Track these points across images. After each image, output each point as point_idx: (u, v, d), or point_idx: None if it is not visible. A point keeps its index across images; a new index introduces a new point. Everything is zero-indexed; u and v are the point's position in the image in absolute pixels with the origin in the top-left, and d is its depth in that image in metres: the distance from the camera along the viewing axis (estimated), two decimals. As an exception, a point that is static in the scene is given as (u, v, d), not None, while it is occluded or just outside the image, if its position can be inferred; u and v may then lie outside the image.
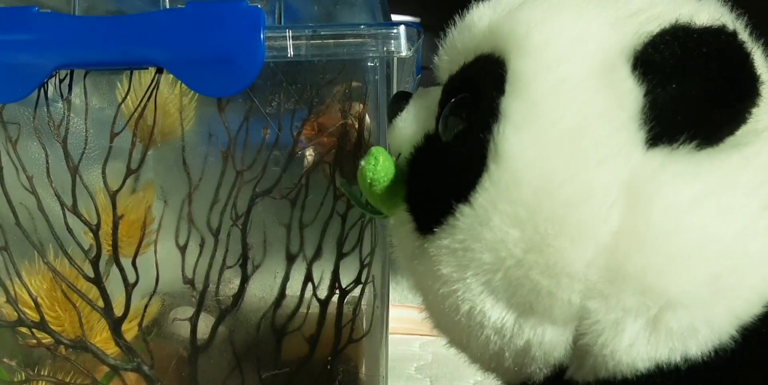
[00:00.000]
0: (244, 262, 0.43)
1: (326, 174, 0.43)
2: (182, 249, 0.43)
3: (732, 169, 0.25)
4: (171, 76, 0.39)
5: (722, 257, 0.24)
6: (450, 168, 0.28)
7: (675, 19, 0.25)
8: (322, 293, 0.44)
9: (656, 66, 0.24)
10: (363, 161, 0.30)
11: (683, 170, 0.24)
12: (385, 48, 0.38)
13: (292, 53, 0.38)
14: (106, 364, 0.43)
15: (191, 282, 0.43)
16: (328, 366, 0.44)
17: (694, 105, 0.24)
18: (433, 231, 0.27)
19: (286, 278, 0.44)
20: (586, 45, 0.25)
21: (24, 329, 0.42)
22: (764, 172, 0.25)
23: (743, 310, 0.24)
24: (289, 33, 0.38)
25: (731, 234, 0.24)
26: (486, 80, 0.27)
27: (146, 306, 0.43)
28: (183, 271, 0.43)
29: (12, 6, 0.38)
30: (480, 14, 0.29)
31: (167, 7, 0.40)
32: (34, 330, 0.42)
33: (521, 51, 0.26)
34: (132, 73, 0.40)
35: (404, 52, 0.38)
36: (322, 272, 0.44)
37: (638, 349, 0.24)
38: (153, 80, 0.40)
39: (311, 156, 0.43)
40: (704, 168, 0.24)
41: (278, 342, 0.44)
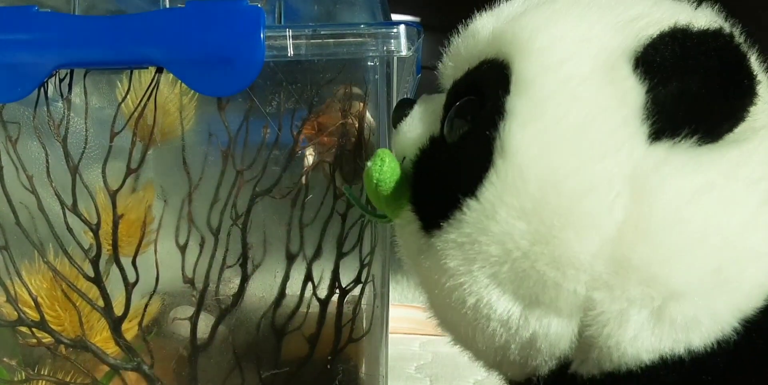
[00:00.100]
0: (244, 261, 0.43)
1: (326, 174, 0.43)
2: (182, 248, 0.43)
3: (732, 164, 0.25)
4: (171, 75, 0.39)
5: (724, 249, 0.24)
6: (456, 165, 0.28)
7: (674, 23, 0.26)
8: (322, 293, 0.44)
9: (657, 65, 0.25)
10: (369, 162, 0.31)
11: (685, 164, 0.25)
12: (385, 47, 0.38)
13: (292, 53, 0.38)
14: (106, 363, 0.43)
15: (191, 281, 0.43)
16: (328, 366, 0.44)
17: (695, 101, 0.25)
18: (440, 226, 0.28)
19: (286, 278, 0.44)
20: (588, 47, 0.26)
21: (24, 329, 0.42)
22: (763, 167, 0.26)
23: (745, 302, 0.25)
24: (289, 32, 0.38)
25: (732, 227, 0.24)
26: (491, 82, 0.28)
27: (146, 306, 0.43)
28: (183, 270, 0.43)
29: (12, 5, 0.38)
30: (483, 22, 0.30)
31: (167, 6, 0.40)
32: (35, 329, 0.42)
33: (525, 54, 0.26)
34: (132, 72, 0.40)
35: (404, 51, 0.38)
36: (322, 272, 0.44)
37: (642, 340, 0.25)
38: (153, 80, 0.40)
39: (311, 155, 0.43)
40: (705, 162, 0.25)
41: (278, 342, 0.44)
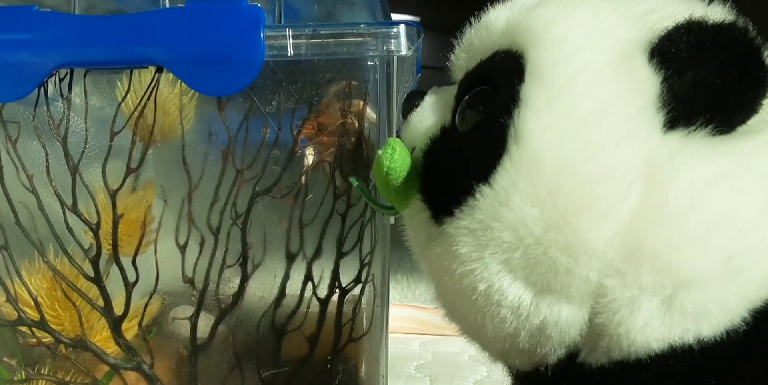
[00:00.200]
0: (244, 261, 0.43)
1: (326, 173, 0.43)
2: (182, 248, 0.43)
3: (745, 154, 0.25)
4: (171, 75, 0.39)
5: (735, 239, 0.25)
6: (468, 154, 0.28)
7: (689, 16, 0.26)
8: (322, 292, 0.44)
9: (672, 56, 0.25)
10: (380, 151, 0.31)
11: (699, 153, 0.25)
12: (385, 47, 0.38)
13: (292, 52, 0.38)
14: (106, 363, 0.43)
15: (191, 281, 0.43)
16: (328, 365, 0.44)
17: (710, 91, 0.25)
18: (452, 213, 0.28)
19: (286, 277, 0.44)
20: (603, 38, 0.26)
21: (24, 328, 0.42)
22: None
23: (754, 292, 0.25)
24: (289, 32, 0.38)
25: (744, 216, 0.25)
26: (505, 71, 0.28)
27: (146, 305, 0.43)
28: (183, 270, 0.43)
29: (12, 5, 0.38)
30: (497, 14, 0.30)
31: (167, 6, 0.40)
32: (34, 329, 0.42)
33: (540, 44, 0.27)
34: (132, 72, 0.40)
35: (404, 51, 0.38)
36: (322, 271, 0.44)
37: (652, 328, 0.25)
38: (153, 79, 0.40)
39: (311, 155, 0.43)
40: (719, 152, 0.25)
41: (278, 341, 0.44)
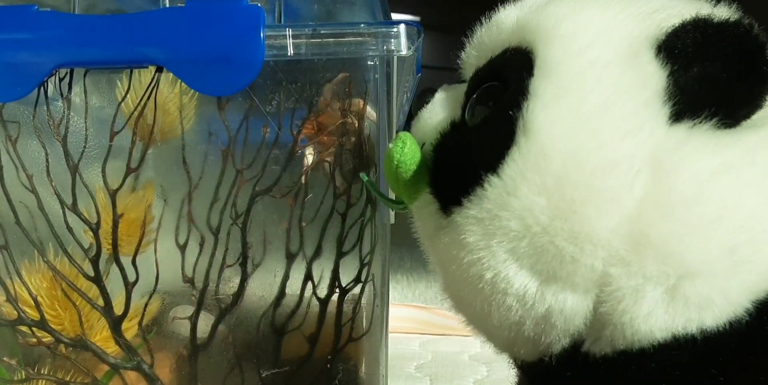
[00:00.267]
0: (244, 261, 0.43)
1: (326, 173, 0.43)
2: (182, 248, 0.43)
3: (750, 147, 0.26)
4: (171, 74, 0.39)
5: (740, 229, 0.25)
6: (477, 145, 0.29)
7: (695, 13, 0.27)
8: (322, 292, 0.44)
9: (679, 51, 0.26)
10: (390, 145, 0.31)
11: (704, 145, 0.26)
12: (385, 47, 0.38)
13: (292, 52, 0.38)
14: (106, 363, 0.43)
15: (191, 281, 0.43)
16: (328, 365, 0.44)
17: (715, 85, 0.26)
18: (461, 202, 0.28)
19: (286, 277, 0.44)
20: (611, 34, 0.27)
21: (24, 328, 0.42)
22: None
23: (757, 283, 0.25)
24: (289, 32, 0.38)
25: (749, 208, 0.25)
26: (514, 66, 0.28)
27: (146, 305, 0.43)
28: (183, 270, 0.43)
29: (12, 5, 0.38)
30: (507, 13, 0.31)
31: (167, 5, 0.40)
32: (34, 329, 0.42)
33: (550, 40, 0.27)
34: (132, 71, 0.40)
35: (404, 50, 0.38)
36: (322, 271, 0.44)
37: (656, 318, 0.25)
38: (153, 79, 0.40)
39: (311, 155, 0.43)
40: (724, 144, 0.26)
41: (278, 341, 0.44)
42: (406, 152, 0.31)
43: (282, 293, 0.44)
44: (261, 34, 0.36)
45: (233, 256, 0.43)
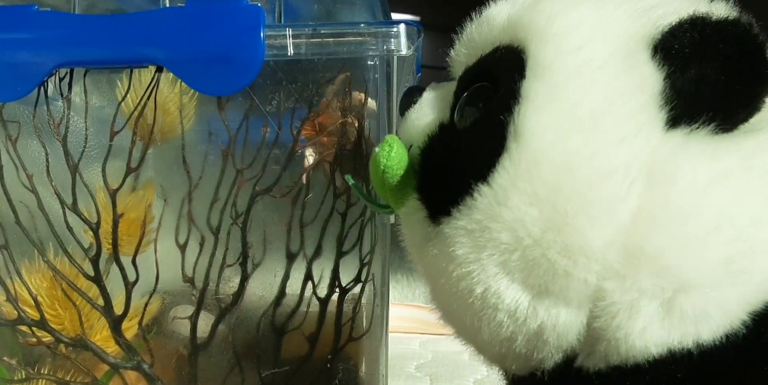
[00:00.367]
0: (244, 260, 0.43)
1: (326, 173, 0.43)
2: (182, 248, 0.43)
3: (748, 153, 0.25)
4: (171, 74, 0.39)
5: (737, 240, 0.24)
6: (467, 151, 0.28)
7: (692, 11, 0.26)
8: (322, 292, 0.44)
9: (676, 52, 0.25)
10: (377, 149, 0.30)
11: (702, 151, 0.25)
12: (385, 46, 0.38)
13: (292, 52, 0.38)
14: (106, 362, 0.43)
15: (191, 281, 0.43)
16: (328, 365, 0.44)
17: (713, 88, 0.25)
18: (449, 212, 0.27)
19: (286, 277, 0.44)
20: (606, 33, 0.26)
21: (24, 328, 0.42)
22: None
23: (754, 295, 0.25)
24: (289, 31, 0.38)
25: (746, 218, 0.24)
26: (505, 67, 0.27)
27: (146, 305, 0.43)
28: (183, 269, 0.43)
29: (12, 5, 0.38)
30: (498, 9, 0.29)
31: (167, 5, 0.40)
32: (34, 329, 0.42)
33: (542, 38, 0.26)
34: (132, 71, 0.40)
35: (404, 50, 0.38)
36: (322, 271, 0.44)
37: (652, 332, 0.25)
38: (153, 79, 0.40)
39: (311, 157, 0.43)
40: (721, 150, 0.25)
41: (278, 341, 0.44)
42: (393, 157, 0.30)
43: (282, 293, 0.44)
44: (261, 33, 0.36)
45: (233, 255, 0.43)
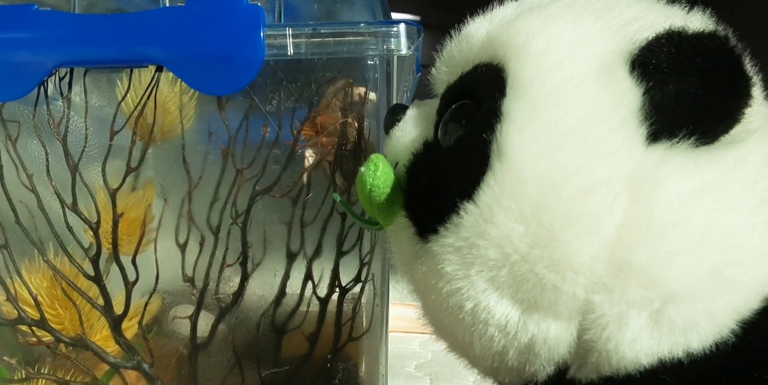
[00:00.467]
0: (244, 260, 0.43)
1: (326, 174, 0.43)
2: (182, 247, 0.43)
3: (729, 165, 0.25)
4: (171, 74, 0.39)
5: (723, 250, 0.24)
6: (452, 169, 0.28)
7: (669, 25, 0.26)
8: (322, 291, 0.44)
9: (653, 67, 0.25)
10: (362, 168, 0.31)
11: (683, 165, 0.25)
12: (385, 46, 0.38)
13: (292, 51, 0.38)
14: (107, 362, 0.43)
15: (191, 280, 0.43)
16: (328, 364, 0.44)
17: (691, 102, 0.25)
18: (437, 230, 0.28)
19: (286, 277, 0.44)
20: (584, 49, 0.26)
21: (24, 327, 0.42)
22: (759, 169, 0.26)
23: (743, 304, 0.25)
24: (289, 31, 0.38)
25: (731, 228, 0.24)
26: (486, 85, 0.27)
27: (146, 304, 0.43)
28: (183, 269, 0.43)
29: (12, 4, 0.38)
30: (477, 26, 0.30)
31: (167, 5, 0.40)
32: (35, 328, 0.42)
33: (521, 56, 0.26)
34: (132, 71, 0.40)
35: (404, 50, 0.38)
36: (322, 271, 0.44)
37: (641, 343, 0.25)
38: (153, 78, 0.40)
39: (311, 157, 0.43)
40: (703, 163, 0.25)
41: (278, 340, 0.44)
42: (379, 176, 0.30)
43: (282, 293, 0.44)
44: (261, 33, 0.36)
45: (233, 255, 0.43)
